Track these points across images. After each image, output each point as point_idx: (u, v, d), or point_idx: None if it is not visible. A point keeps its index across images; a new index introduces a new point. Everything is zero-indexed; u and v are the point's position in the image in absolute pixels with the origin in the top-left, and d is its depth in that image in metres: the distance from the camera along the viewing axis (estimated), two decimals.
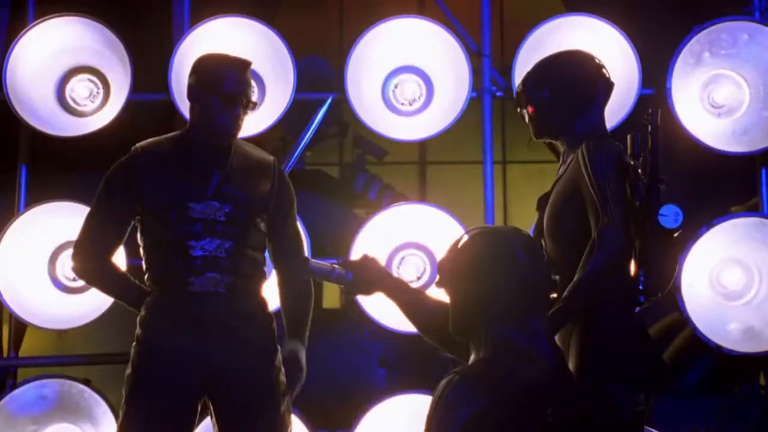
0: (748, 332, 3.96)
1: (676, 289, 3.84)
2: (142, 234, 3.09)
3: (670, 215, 2.55)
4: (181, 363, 2.94)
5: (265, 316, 3.09)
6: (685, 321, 3.94)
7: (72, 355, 4.36)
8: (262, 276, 3.12)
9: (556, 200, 2.85)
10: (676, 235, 2.59)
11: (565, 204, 2.80)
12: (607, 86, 2.91)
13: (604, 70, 2.93)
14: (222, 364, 2.96)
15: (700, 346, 4.02)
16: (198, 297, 2.97)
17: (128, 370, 3.00)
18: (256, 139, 4.04)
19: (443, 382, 2.37)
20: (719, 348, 3.88)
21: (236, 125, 3.05)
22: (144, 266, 3.09)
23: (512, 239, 2.47)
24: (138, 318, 3.05)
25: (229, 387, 2.97)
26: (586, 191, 2.69)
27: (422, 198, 5.62)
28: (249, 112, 3.09)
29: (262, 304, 3.10)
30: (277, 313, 3.19)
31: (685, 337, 4.58)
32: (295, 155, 4.26)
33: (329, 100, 4.23)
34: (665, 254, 2.61)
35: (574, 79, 2.89)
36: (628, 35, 4.05)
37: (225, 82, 3.01)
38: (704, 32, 4.02)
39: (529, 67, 2.99)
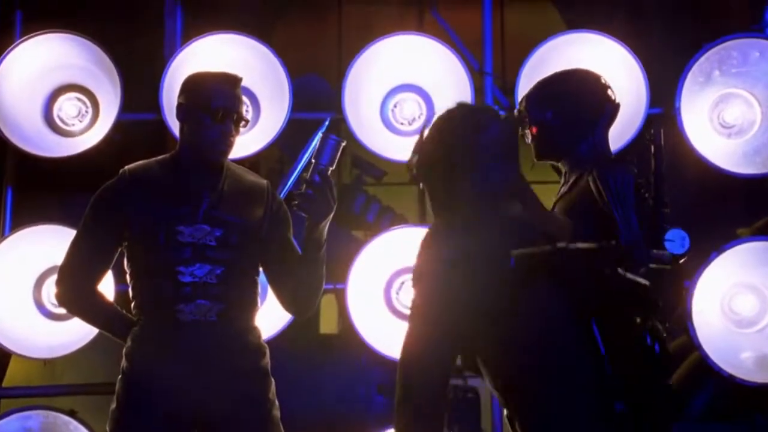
0: (762, 361, 3.86)
1: (687, 316, 3.74)
2: (129, 260, 2.98)
3: (676, 240, 2.46)
4: (169, 397, 2.83)
5: (258, 347, 2.97)
6: (689, 346, 3.84)
7: (56, 385, 4.23)
8: (255, 304, 3.01)
9: None
10: (681, 261, 2.49)
11: None
12: (613, 108, 2.82)
13: (610, 92, 2.83)
14: (213, 397, 2.84)
15: (704, 372, 3.92)
16: (188, 326, 2.87)
17: (113, 405, 2.89)
18: (253, 160, 3.95)
19: (425, 235, 2.32)
20: (732, 377, 3.77)
21: (227, 142, 2.94)
22: (131, 294, 2.99)
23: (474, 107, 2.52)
24: (124, 349, 2.93)
25: (220, 422, 2.85)
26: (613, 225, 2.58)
27: (422, 219, 5.49)
28: (241, 129, 2.99)
29: (255, 333, 2.98)
30: (271, 342, 3.07)
31: (689, 364, 4.48)
32: (293, 177, 4.15)
33: (327, 121, 4.12)
34: (673, 280, 2.51)
35: (580, 101, 2.79)
36: (635, 52, 3.95)
37: (214, 99, 2.92)
38: (714, 50, 3.93)
39: (532, 86, 2.88)
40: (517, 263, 2.20)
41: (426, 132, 2.47)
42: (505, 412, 2.33)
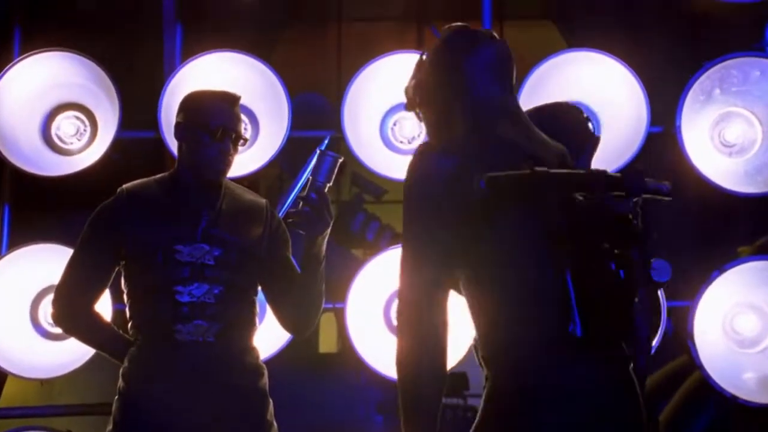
0: (764, 381, 3.83)
1: (689, 336, 3.72)
2: (126, 279, 2.96)
3: (659, 269, 2.45)
4: (166, 418, 2.79)
5: (256, 367, 2.94)
6: (688, 366, 3.83)
7: (53, 405, 4.19)
8: (253, 324, 2.98)
9: None
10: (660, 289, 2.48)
11: None
12: (595, 141, 2.84)
13: (590, 124, 2.86)
14: (210, 419, 2.80)
15: (705, 393, 3.90)
16: (185, 346, 2.83)
17: (109, 426, 2.86)
18: (252, 178, 3.93)
19: (411, 160, 2.28)
20: (735, 398, 3.74)
21: (225, 161, 2.92)
22: (128, 314, 2.96)
23: (470, 29, 2.44)
24: (121, 370, 2.90)
25: None
26: None
27: None
28: (239, 147, 2.97)
29: (254, 354, 2.95)
30: (267, 363, 3.04)
31: (686, 389, 4.46)
32: (292, 196, 4.12)
33: (327, 139, 4.10)
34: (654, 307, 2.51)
35: (568, 131, 2.80)
36: (635, 71, 3.94)
37: (212, 117, 2.90)
38: (715, 68, 3.92)
39: (529, 106, 2.89)
40: (488, 185, 2.17)
41: (424, 57, 2.46)
42: (473, 342, 2.30)
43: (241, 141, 2.97)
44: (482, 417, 2.20)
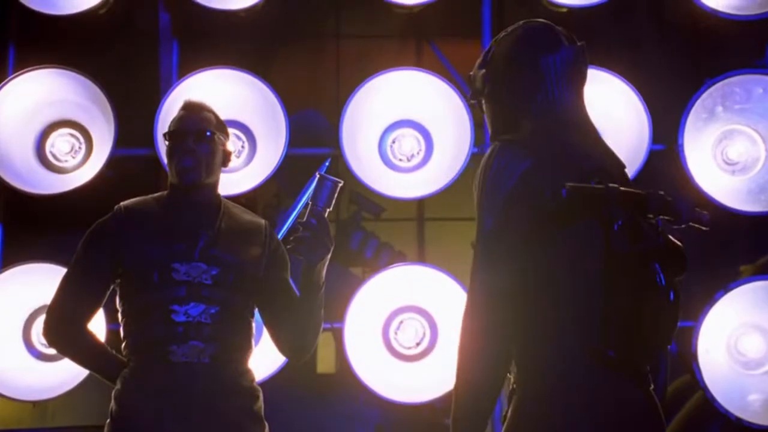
0: None
1: (693, 356, 3.68)
2: (121, 298, 2.90)
3: None
4: None
5: (250, 390, 2.89)
6: (691, 387, 3.79)
7: (48, 428, 4.17)
8: (249, 346, 2.92)
9: None
10: None
11: None
12: None
13: None
14: None
15: (706, 416, 3.87)
16: (179, 367, 2.77)
17: None
18: (250, 196, 3.90)
19: (486, 154, 2.24)
20: (739, 420, 3.70)
21: (190, 158, 2.85)
22: (122, 333, 2.90)
23: (549, 27, 2.37)
24: (113, 391, 2.84)
25: None
26: None
27: (421, 256, 5.46)
28: (210, 143, 2.88)
29: (248, 376, 2.90)
30: (264, 384, 3.00)
31: (689, 409, 4.42)
32: (290, 220, 4.07)
33: (327, 162, 4.05)
34: None
35: None
36: (637, 88, 3.92)
37: (173, 122, 2.92)
38: (717, 86, 3.91)
39: None
40: (569, 195, 2.12)
41: (495, 47, 2.39)
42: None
43: (208, 137, 2.87)
44: (514, 420, 2.18)
